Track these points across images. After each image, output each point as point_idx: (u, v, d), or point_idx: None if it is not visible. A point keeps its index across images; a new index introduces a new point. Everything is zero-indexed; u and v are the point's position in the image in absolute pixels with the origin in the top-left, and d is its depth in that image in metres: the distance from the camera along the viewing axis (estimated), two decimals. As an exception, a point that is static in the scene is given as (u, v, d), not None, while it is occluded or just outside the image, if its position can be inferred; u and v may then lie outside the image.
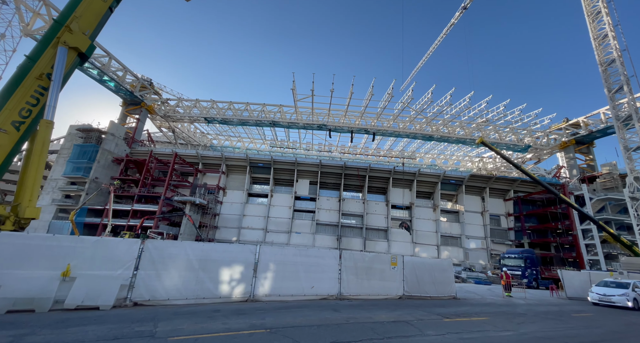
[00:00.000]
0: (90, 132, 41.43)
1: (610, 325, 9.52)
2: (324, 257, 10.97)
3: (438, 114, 48.43)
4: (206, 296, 8.95)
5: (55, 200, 38.67)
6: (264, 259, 9.82)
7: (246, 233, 44.28)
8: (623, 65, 27.24)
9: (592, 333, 8.11)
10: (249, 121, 52.70)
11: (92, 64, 38.37)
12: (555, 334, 7.58)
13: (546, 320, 9.86)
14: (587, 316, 11.56)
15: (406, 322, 7.80)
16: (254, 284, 9.61)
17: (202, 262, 9.08)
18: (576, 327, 8.88)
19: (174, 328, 6.32)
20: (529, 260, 23.32)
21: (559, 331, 8.04)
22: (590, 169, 46.95)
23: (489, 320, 8.88)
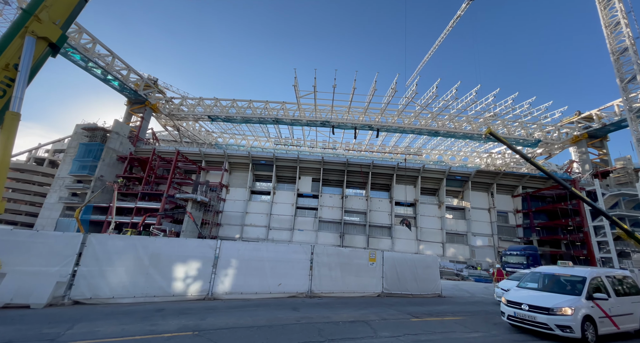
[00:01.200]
0: (95, 130, 42.06)
1: None
2: (295, 252, 10.45)
3: (444, 108, 47.32)
4: (157, 294, 8.51)
5: (62, 198, 39.47)
6: (226, 255, 9.36)
7: (249, 230, 44.35)
8: (636, 54, 25.88)
9: None
10: (252, 119, 52.68)
11: (95, 63, 38.87)
12: None
13: None
14: None
15: (365, 322, 7.33)
16: (212, 281, 9.16)
17: (153, 258, 8.64)
18: None
19: (88, 331, 5.89)
20: (531, 258, 22.44)
21: None
22: (603, 164, 45.20)
23: (463, 320, 8.34)
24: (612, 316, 7.30)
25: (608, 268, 11.33)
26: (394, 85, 44.12)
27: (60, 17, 8.28)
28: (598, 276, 7.81)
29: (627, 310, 7.69)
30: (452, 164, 62.83)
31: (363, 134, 60.31)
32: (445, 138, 56.39)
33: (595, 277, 7.72)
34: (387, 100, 47.28)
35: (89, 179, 39.78)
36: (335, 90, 43.73)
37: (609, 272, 8.34)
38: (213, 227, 41.21)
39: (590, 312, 6.92)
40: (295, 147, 66.66)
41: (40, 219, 39.36)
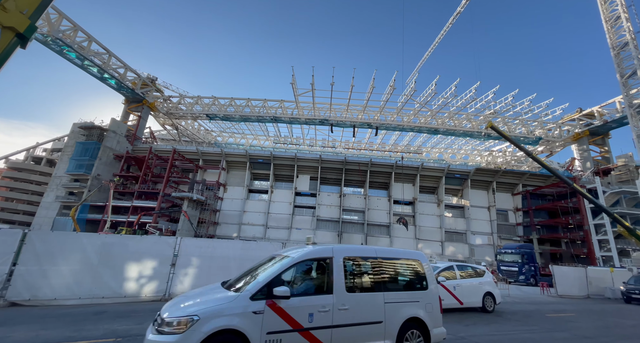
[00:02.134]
0: (92, 129, 41.96)
1: (586, 328, 8.26)
2: (266, 249, 9.92)
3: (443, 106, 46.82)
4: (107, 295, 8.06)
5: (59, 197, 39.43)
6: (186, 253, 8.90)
7: (246, 229, 44.15)
8: (637, 48, 25.32)
9: (547, 338, 6.92)
10: (251, 117, 52.42)
11: (91, 62, 38.71)
12: (497, 338, 6.56)
13: (508, 321, 8.74)
14: (565, 316, 10.32)
15: None
16: (170, 281, 8.67)
17: (103, 257, 8.17)
18: (537, 330, 7.72)
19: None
20: (526, 256, 21.97)
21: (508, 335, 6.99)
22: (605, 161, 44.58)
23: None
24: None
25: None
26: (393, 82, 43.71)
27: (29, 7, 7.97)
28: None
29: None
30: (453, 162, 62.37)
31: (362, 133, 59.93)
32: (445, 136, 55.94)
33: None
34: (385, 98, 46.87)
35: (85, 178, 39.69)
36: (333, 88, 43.38)
37: None
38: (210, 225, 41.01)
39: None
40: (295, 146, 66.40)
41: (37, 218, 39.37)
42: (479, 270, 10.56)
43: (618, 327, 8.88)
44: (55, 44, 35.72)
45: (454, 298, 9.13)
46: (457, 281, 9.44)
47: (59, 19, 35.22)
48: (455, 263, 10.03)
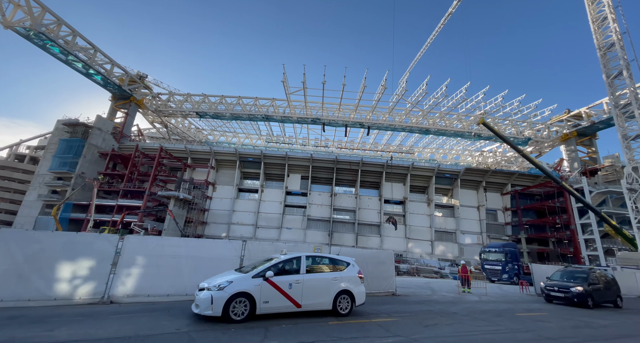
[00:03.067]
0: (76, 126, 40.90)
1: (553, 328, 7.95)
2: (222, 248, 9.47)
3: (434, 106, 46.90)
4: (33, 297, 7.33)
5: (41, 195, 38.34)
6: (130, 251, 8.17)
7: (236, 229, 43.58)
8: (623, 49, 25.57)
9: (508, 339, 6.57)
10: (242, 115, 51.76)
11: (76, 57, 37.66)
12: (451, 340, 6.18)
13: (475, 320, 8.37)
14: (536, 316, 10.03)
15: (264, 328, 6.27)
16: (110, 282, 8.00)
17: (31, 256, 7.43)
18: (501, 330, 7.34)
19: None
20: (509, 255, 21.95)
21: (466, 336, 6.60)
22: (592, 162, 45.20)
23: (391, 322, 7.33)
24: None
25: None
26: (384, 82, 43.64)
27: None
28: None
29: None
30: (444, 162, 62.64)
31: (355, 132, 59.80)
32: (436, 136, 56.10)
33: None
34: (377, 98, 46.75)
35: (69, 176, 38.65)
36: (325, 86, 43.05)
37: None
38: (198, 225, 40.35)
39: None
40: (287, 145, 65.92)
41: (19, 217, 38.19)
42: (340, 264, 8.50)
43: (588, 327, 8.56)
44: (38, 38, 34.66)
45: (287, 299, 7.10)
46: (298, 276, 7.45)
47: (42, 13, 34.17)
48: (305, 254, 8.03)
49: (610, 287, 13.79)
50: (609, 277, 14.46)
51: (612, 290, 13.77)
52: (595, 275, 13.50)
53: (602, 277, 13.93)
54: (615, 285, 14.20)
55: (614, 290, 13.87)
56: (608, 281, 14.02)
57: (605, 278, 14.03)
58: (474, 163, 63.27)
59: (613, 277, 14.95)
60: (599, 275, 13.90)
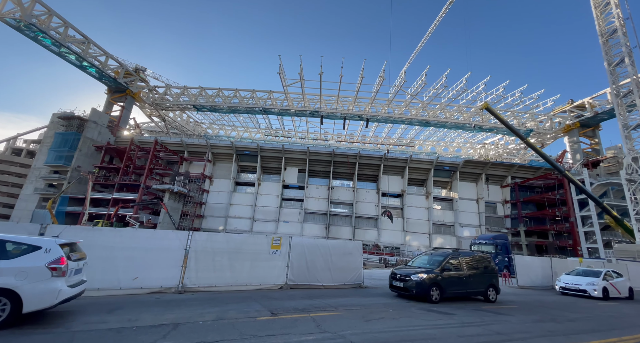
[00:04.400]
0: (71, 119, 40.68)
1: (512, 322, 7.43)
2: (164, 238, 8.75)
3: (434, 97, 46.01)
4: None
5: (38, 189, 38.41)
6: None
7: (233, 222, 43.54)
8: (625, 36, 24.61)
9: (453, 334, 6.00)
10: (239, 108, 51.23)
11: (68, 49, 37.23)
12: (392, 335, 5.57)
13: (429, 314, 7.82)
14: (503, 309, 9.47)
15: (174, 324, 5.56)
16: None
17: None
18: (451, 324, 6.80)
19: None
20: (500, 246, 21.57)
21: (412, 330, 6.04)
22: (594, 153, 44.27)
23: (330, 316, 6.83)
24: None
25: None
26: (382, 73, 42.74)
27: None
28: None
29: None
30: (445, 155, 61.90)
31: (355, 125, 59.04)
32: (437, 128, 55.27)
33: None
34: (376, 89, 45.92)
35: (65, 170, 38.63)
36: (322, 78, 42.22)
37: None
38: (195, 218, 40.33)
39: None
40: (287, 139, 65.46)
41: (17, 211, 38.40)
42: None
43: (554, 321, 8.03)
44: (29, 30, 34.23)
45: None
46: None
47: (32, 3, 33.64)
48: None
49: (478, 275, 10.74)
50: (480, 262, 11.20)
51: (480, 279, 10.77)
52: (453, 259, 10.48)
53: (469, 261, 10.89)
54: (489, 272, 11.18)
55: (484, 279, 10.86)
56: (475, 267, 10.88)
57: (473, 263, 10.94)
58: (476, 155, 62.46)
59: (489, 262, 11.60)
60: (471, 259, 11.06)
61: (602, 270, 14.59)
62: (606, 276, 14.09)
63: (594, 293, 13.44)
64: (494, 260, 17.54)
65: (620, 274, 15.09)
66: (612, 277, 14.35)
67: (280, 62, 41.81)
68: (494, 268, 11.57)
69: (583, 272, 14.77)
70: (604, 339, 6.37)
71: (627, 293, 14.54)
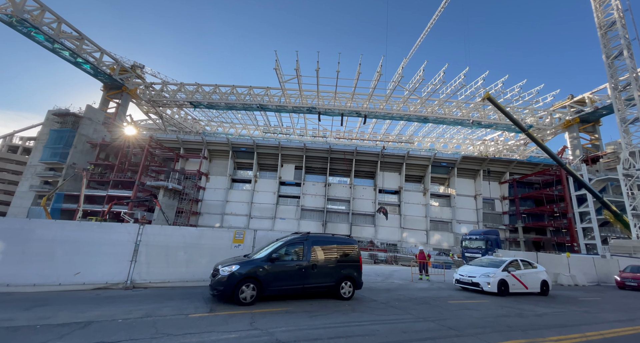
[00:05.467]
0: (66, 116, 40.51)
1: (473, 317, 7.07)
2: (111, 231, 8.22)
3: (432, 93, 45.50)
4: None
5: (33, 186, 38.35)
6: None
7: (230, 219, 43.43)
8: (624, 28, 24.08)
9: (398, 329, 5.67)
10: (236, 105, 50.81)
11: (62, 45, 36.94)
12: (328, 332, 5.24)
13: (388, 309, 7.46)
14: (471, 303, 9.12)
15: (110, 321, 5.23)
16: None
17: None
18: (404, 319, 6.47)
19: None
20: (490, 242, 21.32)
21: (356, 326, 5.70)
22: (594, 149, 43.73)
23: (274, 312, 6.49)
24: None
25: None
26: (380, 68, 42.27)
27: None
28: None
29: None
30: (445, 151, 61.42)
31: (353, 121, 58.52)
32: (436, 125, 54.76)
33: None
34: (373, 85, 45.45)
35: (60, 167, 38.53)
36: (319, 74, 41.81)
37: None
38: (191, 215, 40.22)
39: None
40: (285, 136, 65.13)
41: (12, 208, 38.39)
42: None
43: (519, 316, 7.59)
44: (22, 26, 33.93)
45: None
46: None
47: (24, -1, 33.35)
48: None
49: (328, 265, 8.40)
50: (335, 251, 8.74)
51: (332, 270, 8.43)
52: (290, 246, 8.13)
53: (317, 249, 8.35)
54: (348, 262, 8.82)
55: (336, 271, 8.48)
56: (328, 256, 8.50)
57: (325, 251, 8.51)
58: (476, 152, 61.91)
59: (352, 250, 9.18)
60: (324, 246, 8.56)
61: (508, 259, 12.29)
62: (510, 266, 11.65)
63: (486, 288, 10.91)
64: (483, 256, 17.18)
65: (532, 264, 12.61)
66: (519, 268, 11.82)
67: (276, 58, 41.31)
68: (355, 258, 9.08)
69: (487, 262, 12.52)
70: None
71: (537, 287, 11.91)
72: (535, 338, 5.66)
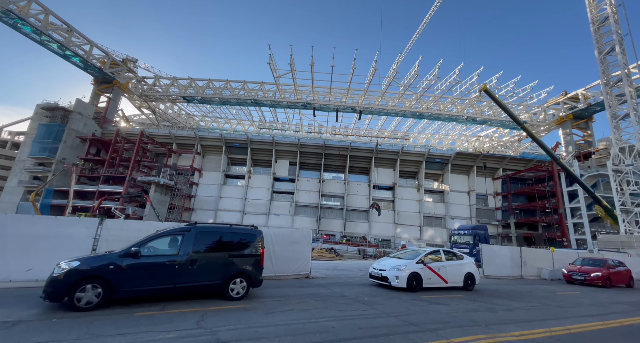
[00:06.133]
0: (55, 110, 39.77)
1: (441, 313, 6.80)
2: (68, 225, 7.90)
3: (427, 88, 45.34)
4: None
5: (22, 181, 37.75)
6: None
7: (223, 215, 43.17)
8: (617, 23, 24.05)
9: (354, 325, 5.39)
10: (230, 100, 50.28)
11: (50, 37, 36.11)
12: (282, 329, 4.95)
13: (354, 304, 7.22)
14: (445, 298, 8.84)
15: None
16: None
17: None
18: (368, 315, 6.23)
19: None
20: (478, 237, 21.38)
21: (314, 323, 5.39)
22: (587, 145, 44.11)
23: (230, 310, 6.08)
24: None
25: None
26: (374, 63, 41.98)
27: None
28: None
29: None
30: (440, 147, 61.48)
31: (349, 118, 58.20)
32: (431, 121, 54.73)
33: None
34: (369, 81, 45.16)
35: (50, 162, 37.92)
36: (314, 68, 41.36)
37: None
38: (183, 211, 39.90)
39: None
40: (280, 131, 64.68)
41: (1, 204, 37.72)
42: None
43: (490, 311, 7.36)
44: (7, 17, 33.04)
45: None
46: None
47: (9, -11, 32.45)
48: None
49: (213, 261, 7.10)
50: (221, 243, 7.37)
51: (217, 267, 7.11)
52: (159, 237, 6.85)
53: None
54: (241, 257, 7.50)
55: (224, 268, 7.16)
56: (212, 250, 7.20)
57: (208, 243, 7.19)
58: (470, 148, 62.11)
59: (249, 241, 7.79)
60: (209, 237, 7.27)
61: (426, 250, 10.94)
62: (427, 258, 10.14)
63: (395, 282, 9.38)
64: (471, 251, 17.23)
65: (457, 255, 11.06)
66: (440, 260, 10.42)
67: (270, 52, 40.81)
68: (254, 252, 7.72)
69: (410, 254, 10.88)
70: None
71: (460, 282, 10.48)
72: (496, 334, 5.45)
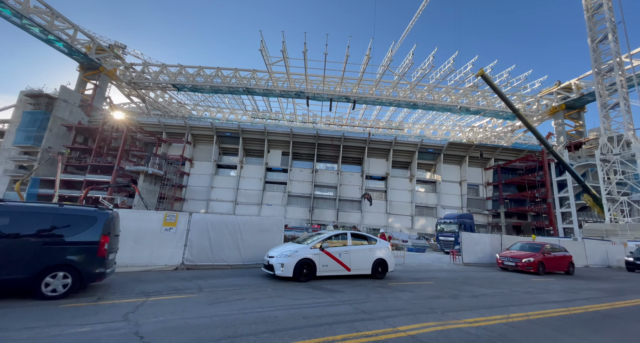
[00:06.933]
0: (39, 97, 38.54)
1: (400, 300, 6.71)
2: None
3: (421, 78, 44.82)
4: None
5: (7, 170, 36.90)
6: None
7: (215, 205, 42.94)
8: (611, 10, 23.75)
9: (301, 314, 5.22)
10: (222, 88, 49.20)
11: (30, 20, 34.63)
12: (214, 321, 4.63)
13: (312, 292, 6.99)
14: (415, 285, 8.76)
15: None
16: None
17: None
18: (318, 303, 6.01)
19: None
20: (464, 226, 21.59)
21: (248, 314, 5.03)
22: (578, 136, 44.33)
23: (180, 299, 5.79)
24: None
25: None
26: (369, 51, 41.21)
27: None
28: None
29: None
30: (434, 138, 61.42)
31: (343, 107, 57.64)
32: (425, 111, 54.43)
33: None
34: (363, 69, 44.43)
35: (35, 151, 37.04)
36: (307, 56, 40.40)
37: None
38: (174, 201, 39.55)
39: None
40: (274, 121, 63.84)
41: (-14, 193, 37.05)
42: None
43: (454, 297, 7.30)
44: (-16, -1, 31.57)
45: None
46: None
47: (-15, -32, 30.84)
48: None
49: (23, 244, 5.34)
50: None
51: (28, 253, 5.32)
52: None
53: None
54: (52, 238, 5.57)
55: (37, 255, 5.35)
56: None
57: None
58: (464, 138, 62.16)
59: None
60: None
61: (329, 233, 9.60)
62: (326, 242, 8.79)
63: (279, 271, 8.13)
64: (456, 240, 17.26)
65: (369, 239, 9.82)
66: (346, 244, 9.15)
67: (262, 38, 39.71)
68: (90, 238, 5.83)
69: (313, 238, 9.38)
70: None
71: (367, 269, 9.25)
72: (448, 321, 5.26)
